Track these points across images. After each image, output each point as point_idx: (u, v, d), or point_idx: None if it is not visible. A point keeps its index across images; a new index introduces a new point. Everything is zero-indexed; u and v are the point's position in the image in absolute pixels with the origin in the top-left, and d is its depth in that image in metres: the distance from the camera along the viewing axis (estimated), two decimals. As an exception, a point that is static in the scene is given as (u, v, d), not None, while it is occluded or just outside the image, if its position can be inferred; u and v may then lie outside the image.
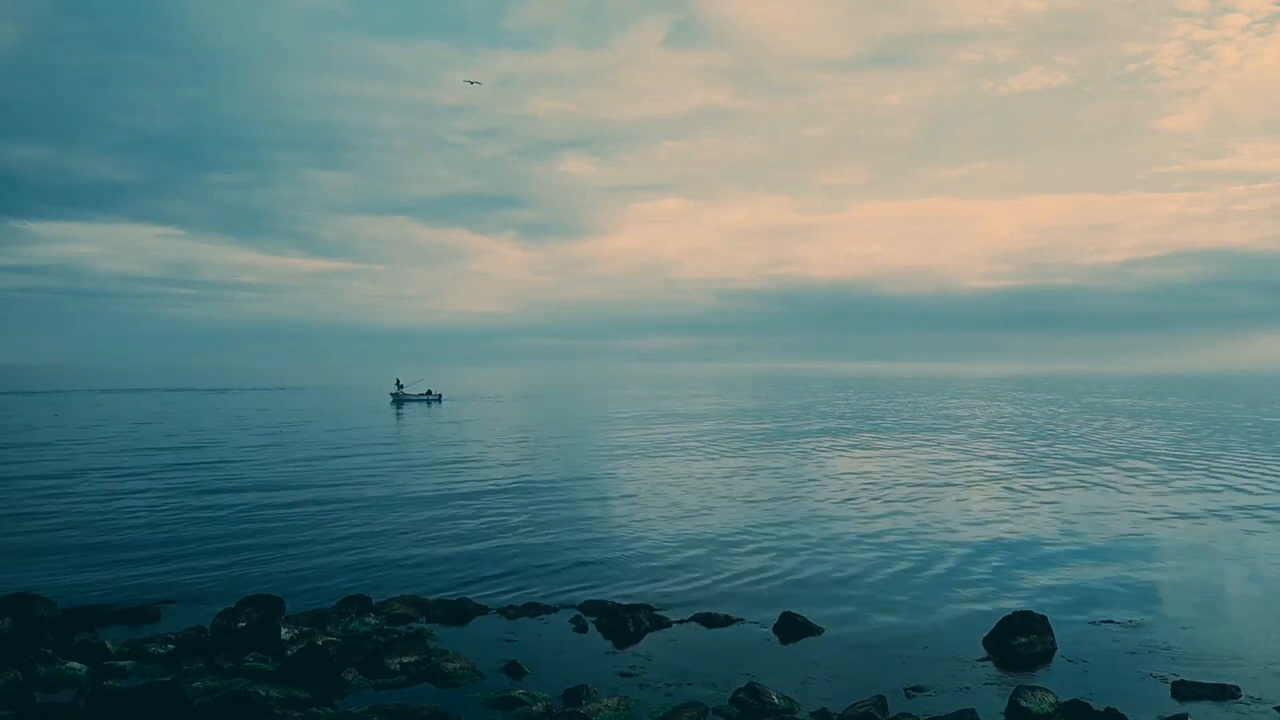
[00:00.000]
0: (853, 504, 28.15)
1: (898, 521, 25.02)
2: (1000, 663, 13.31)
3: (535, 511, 26.33)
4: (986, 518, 25.70)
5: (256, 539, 22.05)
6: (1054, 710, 11.10)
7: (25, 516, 24.96)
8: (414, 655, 12.87)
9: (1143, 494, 30.63)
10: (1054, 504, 28.29)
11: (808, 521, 25.05)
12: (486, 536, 22.62)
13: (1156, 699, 11.85)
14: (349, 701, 11.38)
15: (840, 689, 12.05)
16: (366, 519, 24.91)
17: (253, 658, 12.77)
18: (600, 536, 22.77)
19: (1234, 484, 33.22)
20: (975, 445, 48.84)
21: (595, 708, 10.97)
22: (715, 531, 23.48)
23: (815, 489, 31.55)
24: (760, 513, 26.47)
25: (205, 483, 32.06)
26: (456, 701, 11.40)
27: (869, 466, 38.49)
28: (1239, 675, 12.58)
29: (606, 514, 26.16)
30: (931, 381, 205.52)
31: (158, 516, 25.07)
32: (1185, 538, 23.03)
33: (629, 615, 14.86)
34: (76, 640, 13.24)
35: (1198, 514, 26.57)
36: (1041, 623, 13.99)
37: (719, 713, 11.16)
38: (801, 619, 14.93)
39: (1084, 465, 39.16)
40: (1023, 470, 37.43)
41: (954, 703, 11.48)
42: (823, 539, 22.60)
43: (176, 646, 13.17)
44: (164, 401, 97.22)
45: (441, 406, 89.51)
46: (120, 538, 22.06)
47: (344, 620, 14.77)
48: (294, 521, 24.45)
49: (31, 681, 11.45)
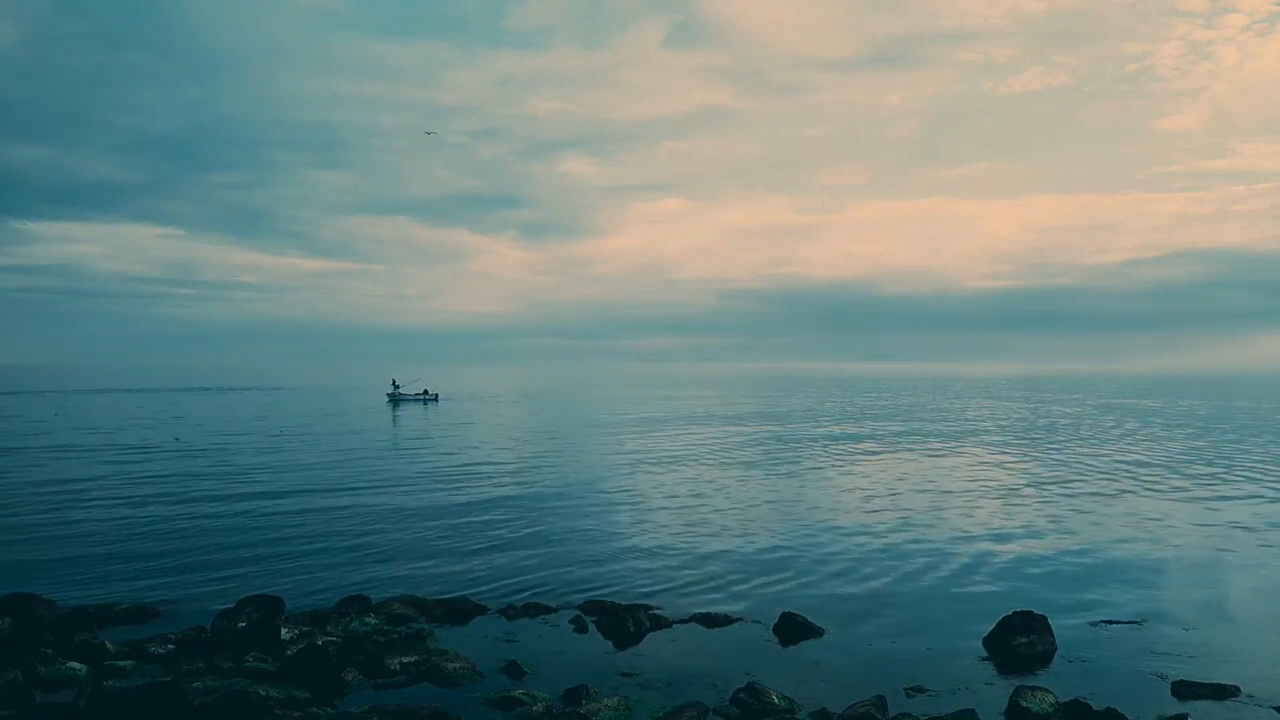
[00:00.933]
0: (853, 504, 28.16)
1: (898, 522, 25.03)
2: (1000, 663, 13.32)
3: (535, 512, 26.33)
4: (986, 518, 25.71)
5: (257, 539, 22.06)
6: (1054, 710, 11.10)
7: (25, 516, 24.96)
8: (414, 655, 12.88)
9: (1143, 493, 30.62)
10: (1054, 504, 28.29)
11: (808, 522, 25.06)
12: (486, 537, 22.62)
13: (1156, 699, 11.86)
14: (349, 701, 11.38)
15: (840, 689, 12.06)
16: (366, 519, 24.91)
17: (253, 658, 12.77)
18: (600, 537, 22.78)
19: (1236, 484, 33.21)
20: (974, 445, 48.85)
21: (595, 708, 10.97)
22: (715, 532, 23.49)
23: (815, 489, 31.55)
24: (761, 513, 26.48)
25: (205, 483, 32.06)
26: (456, 701, 11.40)
27: (870, 467, 38.49)
28: (1239, 675, 12.58)
29: (606, 514, 26.15)
30: (933, 381, 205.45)
31: (158, 516, 25.06)
32: (1186, 537, 23.03)
33: (629, 615, 14.86)
34: (76, 640, 13.23)
35: (1199, 513, 26.57)
36: (1041, 623, 13.99)
37: (719, 713, 11.16)
38: (801, 619, 14.93)
39: (1083, 464, 39.16)
40: (1023, 470, 37.44)
41: (954, 703, 11.48)
42: (823, 539, 22.61)
43: (176, 646, 13.17)
44: (164, 401, 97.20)
45: (438, 406, 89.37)
46: (120, 538, 22.06)
47: (344, 620, 14.77)
48: (294, 522, 24.45)
49: (31, 681, 11.45)
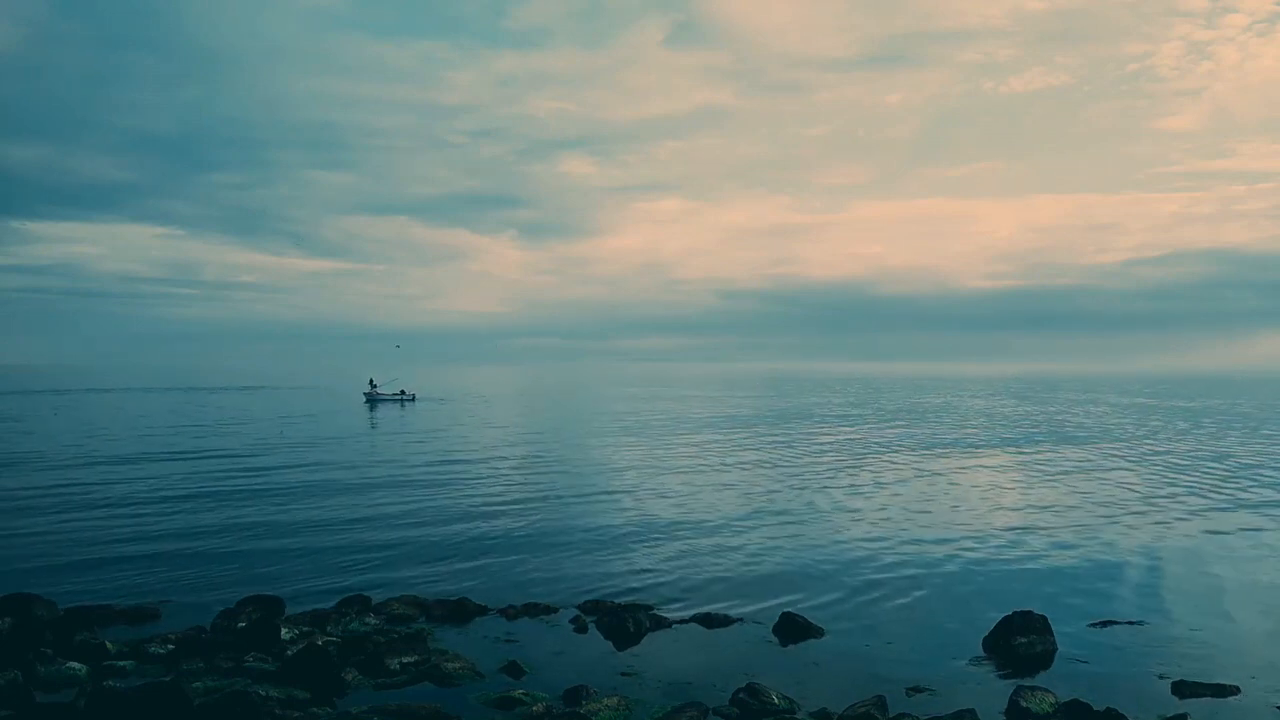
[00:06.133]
0: (853, 504, 28.15)
1: (898, 522, 25.03)
2: (1000, 663, 13.32)
3: (535, 512, 26.33)
4: (987, 518, 25.69)
5: (256, 539, 22.06)
6: (1054, 710, 11.09)
7: (25, 517, 24.97)
8: (414, 655, 12.88)
9: (1145, 492, 30.62)
10: (1055, 503, 28.27)
11: (808, 521, 25.05)
12: (487, 537, 22.62)
13: (1156, 699, 11.85)
14: (349, 701, 11.38)
15: (840, 689, 12.05)
16: (366, 519, 24.91)
17: (253, 658, 12.77)
18: (600, 537, 22.77)
19: (1237, 484, 33.21)
20: (974, 445, 48.84)
21: (595, 708, 10.97)
22: (715, 531, 23.48)
23: (815, 489, 31.53)
24: (761, 513, 26.46)
25: (205, 482, 32.07)
26: (456, 701, 11.40)
27: (870, 467, 38.48)
28: (1239, 675, 12.57)
29: (606, 514, 26.15)
30: (935, 381, 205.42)
31: (158, 516, 25.06)
32: (1186, 537, 23.02)
33: (629, 615, 14.86)
34: (76, 640, 13.23)
35: (1199, 513, 26.56)
36: (1041, 623, 13.99)
37: (719, 713, 11.15)
38: (802, 619, 14.93)
39: (1083, 464, 39.17)
40: (1023, 469, 37.44)
41: (954, 703, 11.47)
42: (823, 539, 22.61)
43: (176, 646, 13.17)
44: (164, 401, 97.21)
45: (415, 406, 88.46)
46: (120, 537, 22.06)
47: (344, 620, 14.77)
48: (294, 522, 24.46)
49: (31, 681, 11.45)
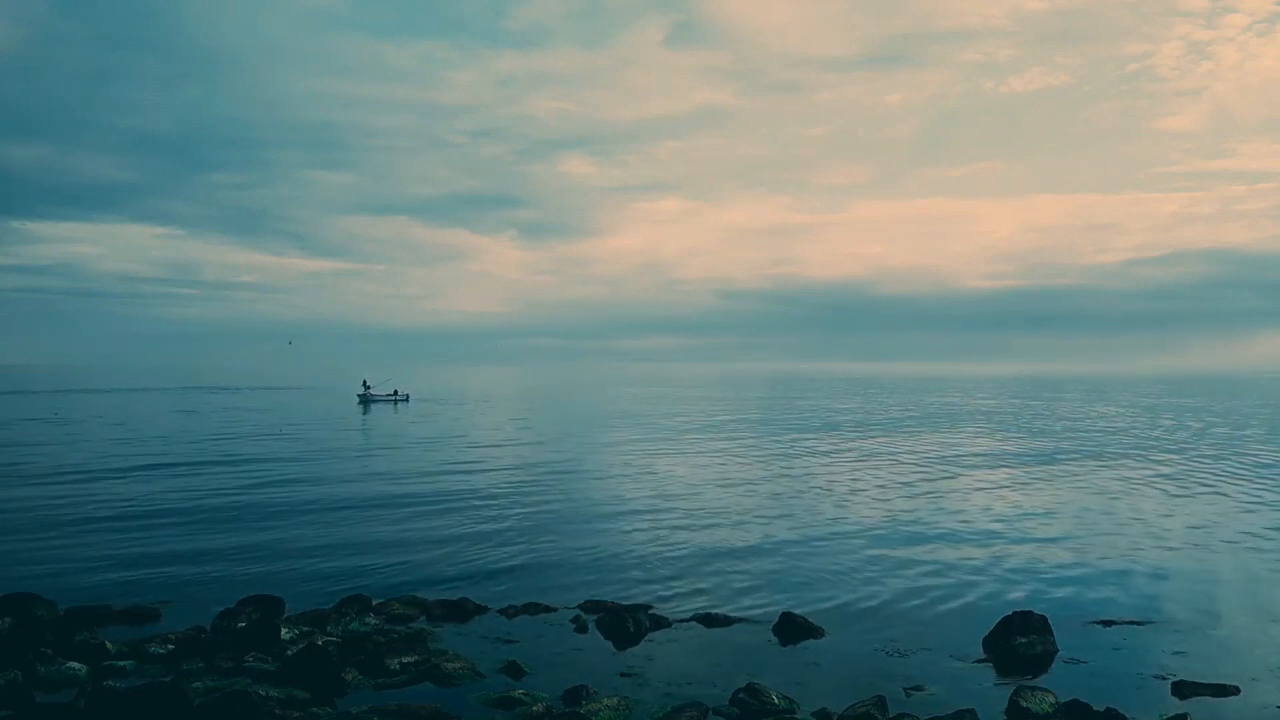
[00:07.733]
0: (854, 504, 28.15)
1: (899, 522, 25.03)
2: (1000, 663, 13.32)
3: (535, 512, 26.33)
4: (987, 518, 25.70)
5: (256, 539, 22.06)
6: (1054, 710, 11.09)
7: (25, 516, 24.97)
8: (414, 655, 12.87)
9: (1145, 492, 30.61)
10: (1055, 503, 28.28)
11: (808, 522, 25.05)
12: (486, 537, 22.62)
13: (1156, 699, 11.85)
14: (349, 701, 11.38)
15: (840, 689, 12.05)
16: (366, 519, 24.92)
17: (253, 658, 12.77)
18: (600, 536, 22.77)
19: (1239, 484, 33.20)
20: (974, 444, 48.85)
21: (595, 708, 10.97)
22: (715, 531, 23.48)
23: (816, 489, 31.54)
24: (761, 512, 26.47)
25: (205, 482, 32.07)
26: (456, 701, 11.40)
27: (871, 467, 38.49)
28: (1239, 675, 12.58)
29: (606, 514, 26.15)
30: (936, 382, 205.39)
31: (158, 516, 25.06)
32: (1187, 537, 23.01)
33: (629, 615, 14.86)
34: (76, 640, 13.22)
35: (1201, 511, 26.56)
36: (1041, 623, 13.99)
37: (719, 713, 11.15)
38: (801, 619, 14.93)
39: (1084, 464, 39.15)
40: (1024, 469, 37.42)
41: (954, 703, 11.47)
42: (823, 539, 22.60)
43: (176, 646, 13.16)
44: (163, 401, 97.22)
45: (409, 406, 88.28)
46: (120, 537, 22.06)
47: (344, 620, 14.77)
48: (294, 521, 24.46)
49: (31, 681, 11.44)
